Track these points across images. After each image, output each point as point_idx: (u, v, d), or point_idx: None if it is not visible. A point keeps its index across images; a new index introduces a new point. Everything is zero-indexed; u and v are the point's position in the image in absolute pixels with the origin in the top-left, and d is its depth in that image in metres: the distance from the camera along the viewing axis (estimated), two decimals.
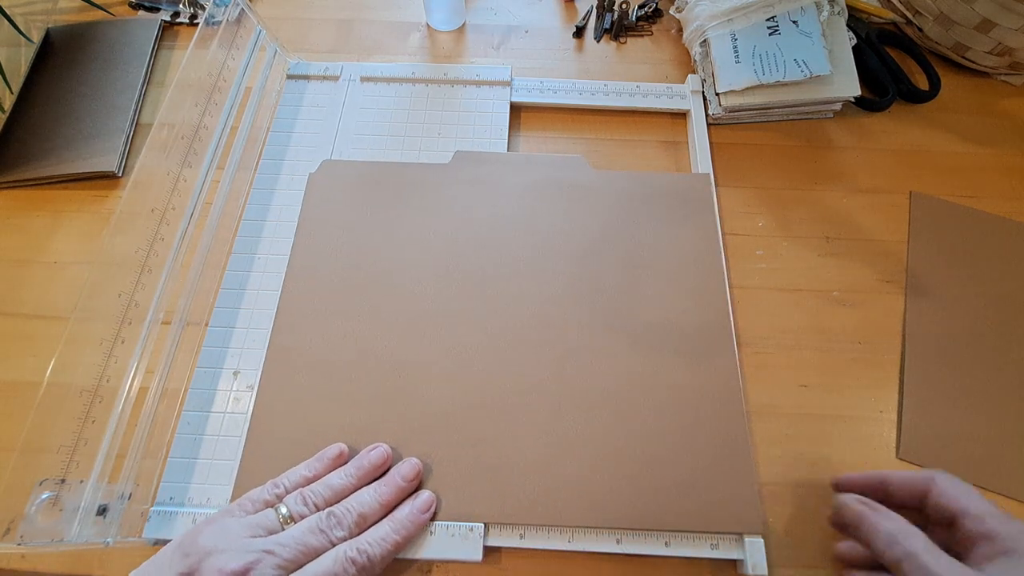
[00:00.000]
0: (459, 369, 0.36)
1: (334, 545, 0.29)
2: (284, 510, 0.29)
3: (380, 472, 0.33)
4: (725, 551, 0.32)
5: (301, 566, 0.27)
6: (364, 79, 0.48)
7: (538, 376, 0.36)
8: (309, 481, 0.31)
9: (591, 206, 0.42)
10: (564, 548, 0.32)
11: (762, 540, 0.32)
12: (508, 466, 0.33)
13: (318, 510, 0.30)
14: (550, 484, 0.33)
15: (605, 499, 0.33)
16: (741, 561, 0.32)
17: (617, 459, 0.34)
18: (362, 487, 0.32)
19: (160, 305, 0.37)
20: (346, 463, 0.33)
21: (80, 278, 0.40)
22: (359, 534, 0.30)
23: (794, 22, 0.45)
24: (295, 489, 0.31)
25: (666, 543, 0.32)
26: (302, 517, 0.29)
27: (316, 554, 0.28)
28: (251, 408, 0.35)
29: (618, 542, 0.32)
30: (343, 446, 0.33)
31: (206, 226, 0.41)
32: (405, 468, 0.32)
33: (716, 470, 0.33)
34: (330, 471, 0.32)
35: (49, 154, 0.44)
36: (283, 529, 0.29)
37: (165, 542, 0.32)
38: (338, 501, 0.30)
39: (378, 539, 0.29)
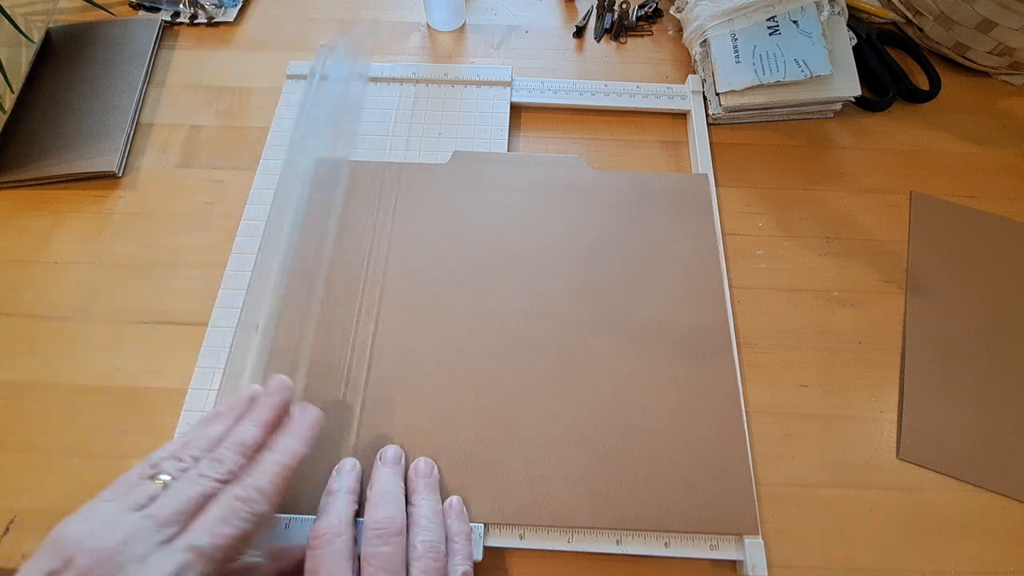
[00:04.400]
0: (457, 369, 0.36)
1: (223, 485, 0.26)
2: (165, 477, 0.26)
3: (275, 414, 0.30)
4: (725, 552, 0.32)
5: (187, 523, 0.24)
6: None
7: (537, 376, 0.36)
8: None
9: (591, 206, 0.42)
10: (564, 548, 0.32)
11: (762, 541, 0.32)
12: (508, 466, 0.33)
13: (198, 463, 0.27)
14: (550, 484, 0.33)
15: (604, 500, 0.33)
16: (741, 562, 0.32)
17: (616, 459, 0.34)
18: None
19: (160, 305, 0.37)
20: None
21: (80, 278, 0.40)
22: (247, 464, 0.27)
23: (794, 22, 0.45)
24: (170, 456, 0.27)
25: (666, 544, 0.32)
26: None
27: (204, 501, 0.25)
28: None
29: (618, 542, 0.32)
30: (257, 387, 0.31)
31: (206, 226, 0.41)
32: (271, 386, 0.30)
33: (714, 471, 0.33)
34: None
35: (49, 154, 0.44)
36: None
37: None
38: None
39: (260, 471, 0.27)
